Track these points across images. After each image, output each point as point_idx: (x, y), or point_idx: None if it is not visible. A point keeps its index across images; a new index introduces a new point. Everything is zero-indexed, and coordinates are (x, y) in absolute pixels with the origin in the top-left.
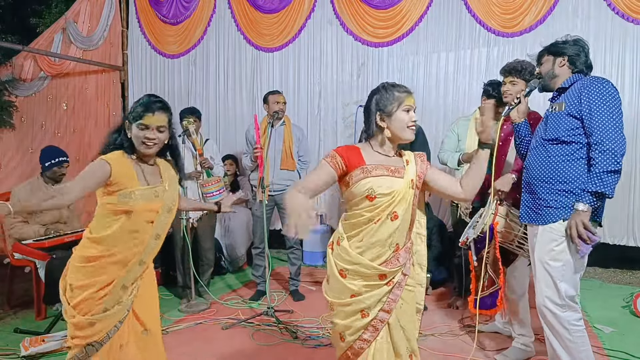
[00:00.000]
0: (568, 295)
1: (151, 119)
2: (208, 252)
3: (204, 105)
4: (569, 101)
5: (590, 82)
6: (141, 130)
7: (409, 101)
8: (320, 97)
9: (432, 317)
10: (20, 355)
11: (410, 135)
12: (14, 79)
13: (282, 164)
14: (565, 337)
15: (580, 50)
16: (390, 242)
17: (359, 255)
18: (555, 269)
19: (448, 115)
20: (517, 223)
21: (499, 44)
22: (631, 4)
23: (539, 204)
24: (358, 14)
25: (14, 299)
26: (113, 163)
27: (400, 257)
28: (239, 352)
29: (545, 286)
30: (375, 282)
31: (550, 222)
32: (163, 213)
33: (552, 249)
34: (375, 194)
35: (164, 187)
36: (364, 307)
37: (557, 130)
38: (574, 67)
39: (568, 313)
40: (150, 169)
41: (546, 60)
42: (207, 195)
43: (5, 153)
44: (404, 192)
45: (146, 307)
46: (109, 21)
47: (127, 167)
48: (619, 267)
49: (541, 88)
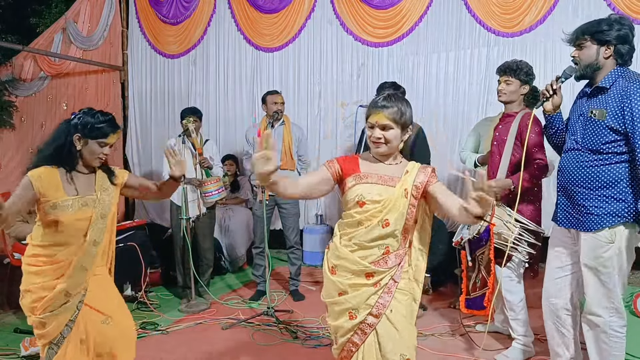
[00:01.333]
0: (619, 299)
1: (113, 138)
2: (208, 252)
3: (204, 105)
4: (610, 109)
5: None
6: (100, 147)
7: (372, 118)
8: (320, 97)
9: (432, 317)
10: (20, 355)
11: (374, 149)
12: (14, 79)
13: (282, 164)
14: (602, 340)
15: (627, 35)
16: (380, 243)
17: (347, 252)
18: (605, 274)
19: (448, 115)
20: (512, 224)
21: (499, 44)
22: (631, 4)
23: (580, 210)
24: (358, 14)
25: (14, 299)
26: (35, 179)
27: (389, 260)
28: (239, 352)
29: (594, 291)
30: (361, 281)
31: (596, 230)
32: (97, 220)
33: (601, 255)
34: (364, 200)
35: (96, 196)
36: (351, 307)
37: (596, 142)
38: (620, 57)
39: (614, 319)
40: (84, 178)
41: (587, 47)
42: (206, 194)
43: (5, 153)
44: (395, 200)
45: (101, 297)
46: (109, 21)
47: (53, 179)
48: None
49: (579, 76)
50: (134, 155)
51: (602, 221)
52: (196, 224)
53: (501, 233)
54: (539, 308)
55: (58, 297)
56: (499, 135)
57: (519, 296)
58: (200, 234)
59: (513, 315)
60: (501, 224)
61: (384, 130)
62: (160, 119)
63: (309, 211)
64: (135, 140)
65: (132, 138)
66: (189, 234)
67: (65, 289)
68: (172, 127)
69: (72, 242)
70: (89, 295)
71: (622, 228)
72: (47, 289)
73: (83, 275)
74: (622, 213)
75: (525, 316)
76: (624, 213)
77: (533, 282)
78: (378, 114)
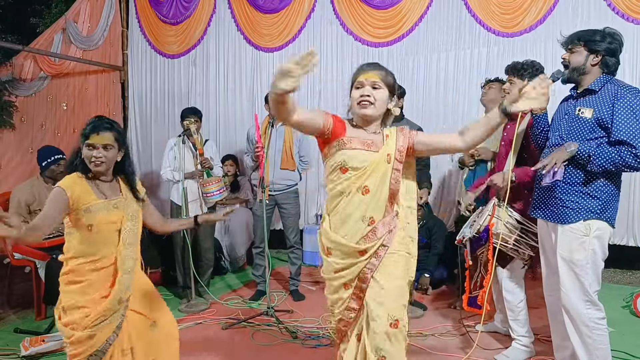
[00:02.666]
0: (593, 291)
1: (96, 138)
2: (208, 252)
3: (204, 105)
4: (599, 108)
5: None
6: (89, 150)
7: (361, 77)
8: (320, 97)
9: (432, 317)
10: (20, 355)
11: (360, 110)
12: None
13: (283, 164)
14: (585, 334)
15: (616, 49)
16: (363, 216)
17: (336, 234)
18: (579, 265)
19: (448, 115)
20: (514, 226)
21: (499, 44)
22: (631, 4)
23: (557, 204)
24: (358, 14)
25: (14, 299)
26: (67, 188)
27: (377, 230)
28: (239, 352)
29: (569, 283)
30: (355, 260)
31: (570, 223)
32: (128, 221)
33: (575, 247)
34: (347, 166)
35: (124, 198)
36: (346, 281)
37: (580, 138)
38: (606, 67)
39: (591, 311)
40: (107, 185)
41: (578, 52)
42: (207, 195)
43: (5, 153)
44: (376, 165)
45: (143, 300)
46: (109, 21)
47: (82, 186)
48: (619, 267)
49: (566, 80)
50: (134, 155)
51: (577, 215)
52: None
53: (500, 233)
54: (539, 308)
55: (113, 305)
56: (507, 136)
57: (519, 297)
58: (201, 234)
59: (513, 316)
60: (501, 224)
61: (374, 90)
62: (160, 119)
63: (309, 211)
64: (135, 140)
65: (132, 138)
66: (189, 234)
67: (119, 295)
68: (172, 127)
69: (108, 246)
70: (132, 299)
71: (596, 222)
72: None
73: (130, 279)
74: (596, 210)
75: (525, 316)
76: (598, 210)
77: (533, 282)
78: (367, 72)
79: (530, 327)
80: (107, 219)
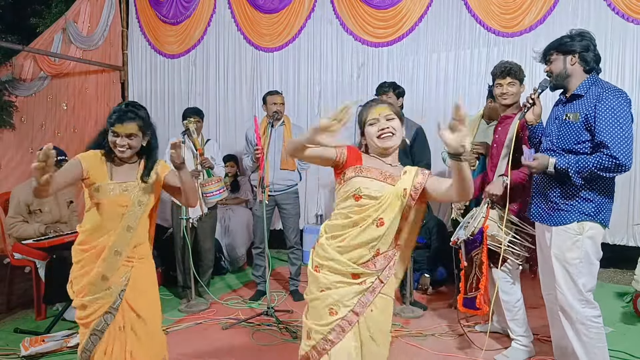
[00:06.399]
0: (587, 289)
1: (120, 128)
2: (208, 252)
3: (204, 105)
4: (584, 112)
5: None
6: (113, 137)
7: (374, 113)
8: (320, 97)
9: (431, 317)
10: (20, 355)
11: (381, 143)
12: (14, 79)
13: (282, 164)
14: (582, 332)
15: (588, 44)
16: (371, 246)
17: (336, 252)
18: (573, 265)
19: (448, 115)
20: (508, 227)
21: (499, 44)
22: (631, 4)
23: (552, 207)
24: (358, 14)
25: (14, 299)
26: (84, 160)
27: (377, 262)
28: (239, 352)
29: (564, 282)
30: (346, 280)
31: (564, 224)
32: (133, 206)
33: (569, 246)
34: (361, 194)
35: (137, 183)
36: (332, 302)
37: (569, 142)
38: (586, 64)
39: (587, 309)
40: (127, 167)
41: (555, 59)
42: (207, 195)
43: (5, 153)
44: (392, 199)
45: (139, 298)
46: (109, 21)
47: (98, 164)
48: (619, 267)
49: (553, 87)
50: None
51: (570, 217)
52: (198, 224)
53: (495, 235)
54: (539, 308)
55: (96, 280)
56: (499, 138)
57: (515, 297)
58: (201, 234)
59: (510, 316)
60: (495, 226)
61: (389, 122)
62: (160, 119)
63: (309, 211)
64: None
65: None
66: (189, 234)
67: (102, 272)
68: (172, 127)
69: (110, 226)
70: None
71: (589, 223)
72: (86, 274)
73: (117, 260)
74: (590, 212)
75: (523, 316)
76: (592, 212)
77: (533, 282)
78: (377, 107)
79: (529, 327)
80: (116, 201)
